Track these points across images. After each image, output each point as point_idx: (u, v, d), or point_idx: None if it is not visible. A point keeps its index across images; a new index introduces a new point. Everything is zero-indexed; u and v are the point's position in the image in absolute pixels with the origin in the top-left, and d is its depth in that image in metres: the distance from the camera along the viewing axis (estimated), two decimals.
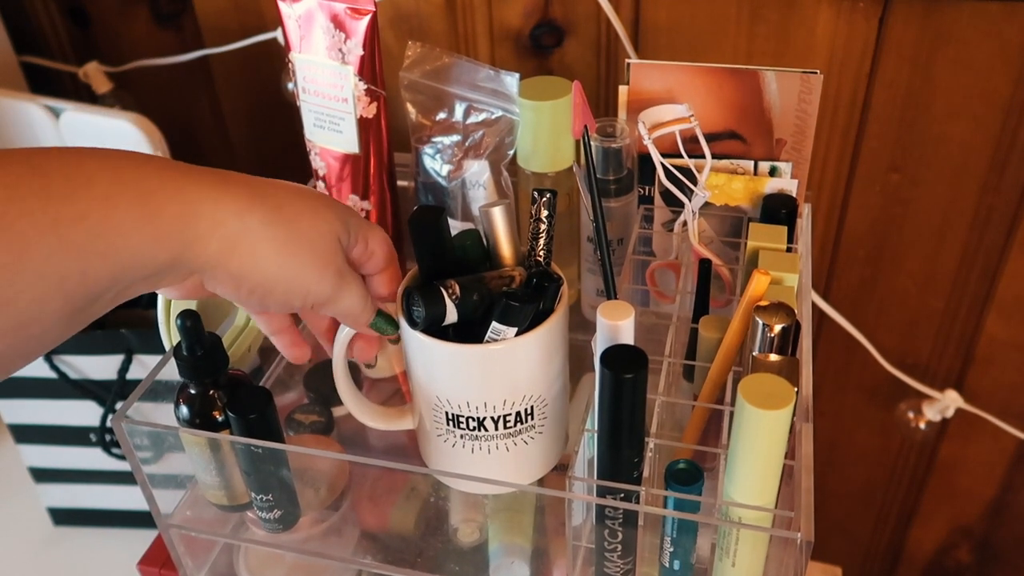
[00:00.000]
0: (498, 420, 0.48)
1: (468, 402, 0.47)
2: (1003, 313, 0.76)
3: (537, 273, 0.49)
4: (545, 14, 0.74)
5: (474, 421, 0.48)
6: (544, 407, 0.49)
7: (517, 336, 0.46)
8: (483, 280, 0.48)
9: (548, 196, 0.48)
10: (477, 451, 0.49)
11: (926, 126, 0.69)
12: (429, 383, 0.48)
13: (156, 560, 0.60)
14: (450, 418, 0.48)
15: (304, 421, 0.63)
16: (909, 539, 0.96)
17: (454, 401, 0.48)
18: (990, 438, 0.84)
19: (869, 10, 0.66)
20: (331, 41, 0.59)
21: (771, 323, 0.44)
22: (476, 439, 0.49)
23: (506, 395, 0.47)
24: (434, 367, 0.48)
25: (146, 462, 0.51)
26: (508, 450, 0.49)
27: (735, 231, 0.59)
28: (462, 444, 0.49)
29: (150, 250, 0.37)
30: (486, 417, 0.48)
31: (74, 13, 0.90)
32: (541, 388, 0.49)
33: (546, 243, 0.49)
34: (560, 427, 0.52)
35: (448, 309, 0.46)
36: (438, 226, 0.48)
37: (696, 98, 0.57)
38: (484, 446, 0.49)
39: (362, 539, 0.57)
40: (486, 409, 0.48)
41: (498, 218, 0.50)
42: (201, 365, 0.48)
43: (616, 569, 0.46)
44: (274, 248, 0.41)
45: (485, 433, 0.48)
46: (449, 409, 0.48)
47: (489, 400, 0.47)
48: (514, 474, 0.51)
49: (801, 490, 0.42)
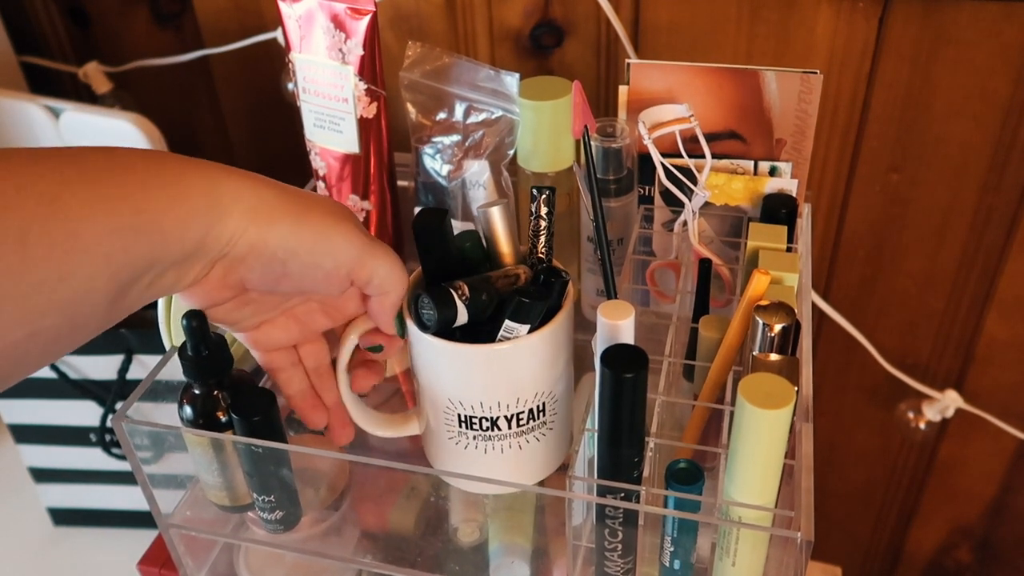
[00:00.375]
0: (511, 419, 0.48)
1: (481, 402, 0.47)
2: (1003, 313, 0.76)
3: (544, 270, 0.49)
4: (545, 14, 0.74)
5: (487, 421, 0.48)
6: (554, 403, 0.49)
7: (529, 333, 0.46)
8: (490, 280, 0.48)
9: (547, 193, 0.48)
10: (490, 451, 0.49)
11: (926, 126, 0.70)
12: (440, 386, 0.48)
13: (156, 560, 0.60)
14: (462, 420, 0.48)
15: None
16: (909, 539, 0.96)
17: (467, 402, 0.48)
18: (990, 438, 0.84)
19: (869, 10, 0.66)
20: (331, 41, 0.59)
21: (771, 323, 0.44)
22: (489, 439, 0.49)
23: (519, 393, 0.47)
24: (445, 369, 0.48)
25: (146, 462, 0.51)
26: (521, 448, 0.49)
27: (735, 231, 0.59)
28: (474, 445, 0.49)
29: (182, 230, 0.39)
30: (499, 416, 0.48)
31: (74, 13, 0.91)
32: (551, 384, 0.49)
33: (547, 240, 0.49)
34: (567, 422, 0.52)
35: (459, 310, 0.46)
36: (442, 229, 0.48)
37: (696, 98, 0.57)
38: (497, 446, 0.49)
39: (362, 539, 0.57)
40: (499, 408, 0.48)
41: (497, 218, 0.50)
42: (206, 366, 0.48)
43: (616, 569, 0.46)
44: (293, 214, 0.42)
45: (498, 432, 0.48)
46: (461, 411, 0.48)
47: (502, 399, 0.47)
48: (526, 471, 0.51)
49: (801, 490, 0.42)
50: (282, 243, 0.42)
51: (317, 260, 0.43)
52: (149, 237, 0.38)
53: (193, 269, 0.41)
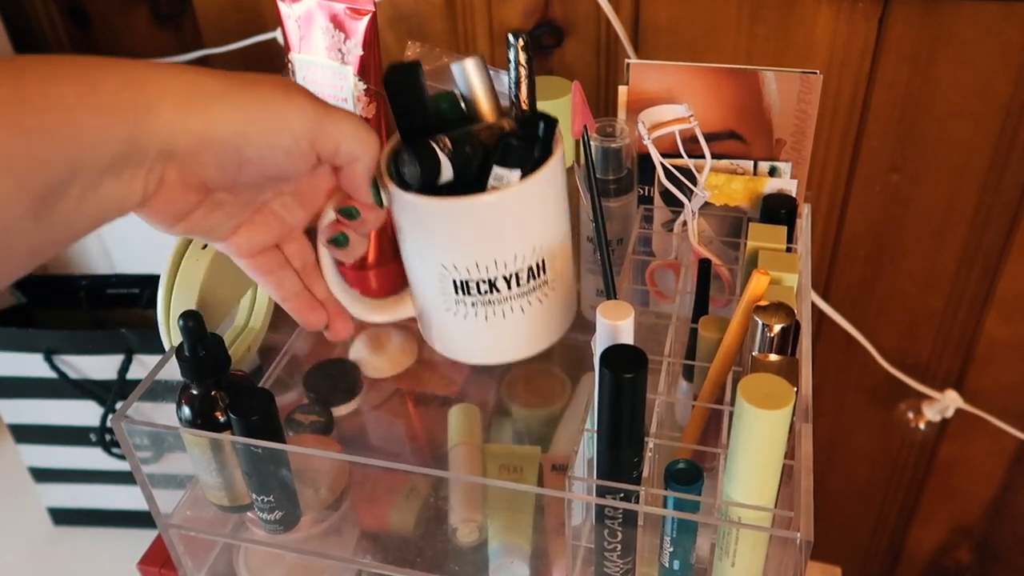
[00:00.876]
0: (510, 279, 0.45)
1: (476, 263, 0.44)
2: (1003, 313, 0.76)
3: (529, 117, 0.46)
4: (545, 14, 0.74)
5: (485, 284, 0.45)
6: (555, 260, 0.47)
7: (521, 180, 0.43)
8: (473, 133, 0.45)
9: (523, 38, 0.44)
10: (492, 317, 0.46)
11: (926, 126, 0.69)
12: (430, 252, 0.45)
13: (156, 560, 0.60)
14: (459, 286, 0.45)
15: (304, 421, 0.63)
16: (909, 539, 0.96)
17: (461, 265, 0.44)
18: (990, 438, 0.84)
19: (869, 10, 0.66)
20: (331, 41, 0.59)
21: (771, 323, 0.44)
22: (489, 303, 0.46)
23: (516, 248, 0.44)
24: (436, 230, 0.44)
25: (146, 462, 0.51)
26: (524, 311, 0.47)
27: (735, 231, 0.59)
28: (475, 313, 0.46)
29: (100, 127, 0.35)
30: (498, 277, 0.45)
31: (74, 13, 0.91)
32: (549, 237, 0.46)
33: (529, 88, 0.46)
34: (570, 283, 0.49)
35: (443, 164, 0.42)
36: (417, 83, 0.45)
37: (696, 98, 0.57)
38: (498, 310, 0.46)
39: (362, 539, 0.57)
40: (497, 268, 0.45)
41: (472, 72, 0.47)
42: (203, 366, 0.48)
43: (616, 569, 0.46)
44: (234, 94, 0.39)
45: (498, 295, 0.45)
46: (457, 276, 0.45)
47: (499, 257, 0.44)
48: (531, 336, 0.48)
49: (801, 490, 0.42)
50: (231, 127, 0.39)
51: (273, 139, 0.40)
52: (58, 138, 0.34)
53: (136, 177, 0.37)
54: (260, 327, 0.58)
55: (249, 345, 0.58)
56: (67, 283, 0.86)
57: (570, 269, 0.49)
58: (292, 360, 0.68)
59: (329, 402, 0.64)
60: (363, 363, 0.68)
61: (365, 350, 0.69)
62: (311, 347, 0.70)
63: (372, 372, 0.68)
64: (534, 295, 0.46)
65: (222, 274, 0.52)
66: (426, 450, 0.66)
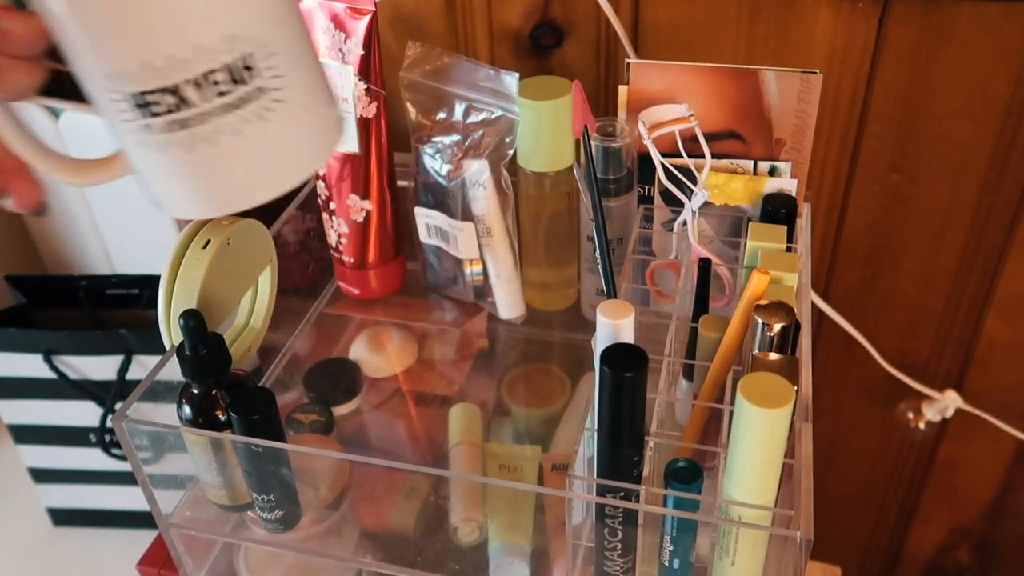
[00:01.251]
0: (202, 84, 0.33)
1: (143, 62, 0.32)
2: (1003, 313, 0.76)
3: None
4: (545, 14, 0.74)
5: (167, 94, 0.33)
6: (272, 57, 0.34)
7: None
8: None
9: None
10: (199, 149, 0.34)
11: (926, 126, 0.70)
12: (88, 57, 0.34)
13: (156, 560, 0.60)
14: (136, 102, 0.33)
15: (304, 421, 0.63)
16: (909, 539, 0.96)
17: (124, 69, 0.33)
18: (990, 438, 0.84)
19: (869, 10, 0.66)
20: (331, 41, 0.59)
21: (771, 322, 0.44)
22: (186, 126, 0.34)
23: (192, 36, 0.33)
24: (80, 21, 0.33)
25: (146, 462, 0.51)
26: (242, 134, 0.34)
27: (735, 231, 0.59)
28: (172, 141, 0.34)
29: None
30: (179, 83, 0.33)
31: None
32: (252, 22, 0.34)
33: None
34: (318, 92, 0.37)
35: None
36: None
37: (696, 98, 0.57)
38: (204, 134, 0.34)
39: (362, 539, 0.57)
40: (174, 69, 0.32)
41: None
42: (204, 365, 0.48)
43: (616, 568, 0.46)
44: None
45: (194, 112, 0.33)
46: (125, 87, 0.33)
47: (171, 50, 0.32)
48: (271, 171, 0.36)
49: (801, 489, 0.42)
50: None
51: None
52: None
53: None
54: (260, 327, 0.58)
55: (249, 345, 0.58)
56: (67, 283, 0.86)
57: (311, 71, 0.37)
58: (292, 360, 0.68)
59: (329, 402, 0.65)
60: (363, 363, 0.68)
61: (365, 350, 0.69)
62: (311, 347, 0.70)
63: (372, 372, 0.68)
64: (248, 109, 0.34)
65: (222, 274, 0.52)
66: (426, 450, 0.66)
